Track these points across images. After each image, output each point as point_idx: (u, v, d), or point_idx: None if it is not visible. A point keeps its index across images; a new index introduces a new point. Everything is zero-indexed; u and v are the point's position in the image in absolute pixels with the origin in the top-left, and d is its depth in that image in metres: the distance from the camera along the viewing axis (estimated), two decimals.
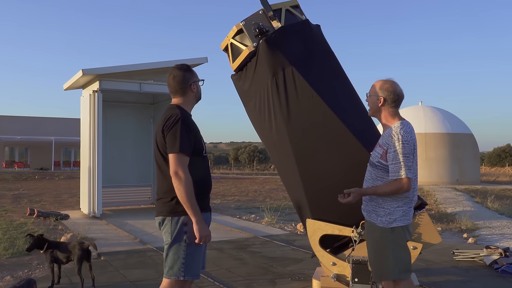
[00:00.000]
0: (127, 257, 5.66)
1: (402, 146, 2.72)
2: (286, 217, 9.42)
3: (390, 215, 2.81)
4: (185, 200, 2.50)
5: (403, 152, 2.71)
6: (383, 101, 2.87)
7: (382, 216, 2.83)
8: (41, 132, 35.68)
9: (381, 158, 2.82)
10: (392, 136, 2.77)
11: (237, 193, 15.60)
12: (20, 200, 12.48)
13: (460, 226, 8.39)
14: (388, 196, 2.81)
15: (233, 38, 4.23)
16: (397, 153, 2.72)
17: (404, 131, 2.75)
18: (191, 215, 2.52)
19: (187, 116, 2.68)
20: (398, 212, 2.81)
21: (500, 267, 4.97)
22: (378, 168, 2.85)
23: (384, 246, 2.82)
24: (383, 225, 2.82)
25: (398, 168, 2.72)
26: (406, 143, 2.72)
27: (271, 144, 4.28)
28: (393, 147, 2.74)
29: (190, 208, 2.51)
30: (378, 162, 2.85)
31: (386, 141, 2.81)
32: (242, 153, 55.02)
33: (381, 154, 2.83)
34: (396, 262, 2.80)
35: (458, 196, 13.86)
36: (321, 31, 4.28)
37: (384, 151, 2.81)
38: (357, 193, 2.87)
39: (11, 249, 5.91)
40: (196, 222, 2.52)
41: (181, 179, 2.50)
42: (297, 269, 5.10)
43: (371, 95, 2.94)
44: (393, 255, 2.80)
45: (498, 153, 47.78)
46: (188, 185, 2.50)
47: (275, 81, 3.96)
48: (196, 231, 2.53)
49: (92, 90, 9.44)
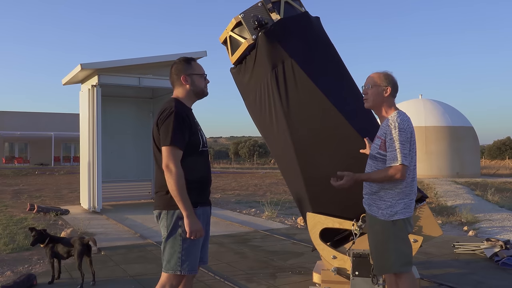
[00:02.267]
0: (128, 252, 5.66)
1: (398, 133, 2.72)
2: (286, 211, 9.43)
3: (391, 207, 2.80)
4: (176, 194, 2.48)
5: (399, 140, 2.71)
6: (389, 91, 2.86)
7: (383, 209, 2.82)
8: (41, 127, 35.63)
9: (380, 148, 2.81)
10: (389, 124, 2.77)
11: (237, 187, 15.60)
12: (20, 195, 12.48)
13: (461, 219, 8.39)
14: (390, 189, 2.80)
15: (232, 31, 4.19)
16: (393, 141, 2.72)
17: (401, 119, 2.77)
18: (181, 209, 2.50)
19: (183, 109, 2.64)
20: (400, 204, 2.80)
21: (500, 259, 4.97)
22: (378, 160, 2.84)
23: (385, 239, 2.81)
24: (384, 218, 2.81)
25: (394, 155, 2.71)
26: (402, 131, 2.72)
27: (271, 138, 4.26)
28: (390, 135, 2.74)
29: (181, 202, 2.49)
30: (377, 153, 2.84)
31: (384, 131, 2.80)
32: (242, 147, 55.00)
33: (379, 145, 2.82)
34: (397, 255, 2.79)
35: (459, 189, 13.86)
36: (320, 23, 4.24)
37: (383, 141, 2.80)
38: (350, 177, 2.84)
39: (11, 244, 5.91)
40: (186, 216, 2.50)
41: (172, 172, 2.48)
42: (297, 263, 5.09)
43: (374, 86, 2.90)
44: (395, 248, 2.79)
45: (498, 146, 47.77)
46: (178, 179, 2.47)
47: (275, 74, 3.93)
48: (186, 226, 2.51)
49: (91, 84, 9.41)
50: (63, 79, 10.61)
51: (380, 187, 2.84)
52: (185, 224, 2.51)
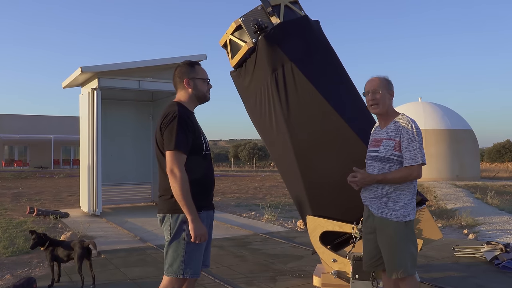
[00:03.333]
0: (127, 255, 5.65)
1: (417, 133, 2.77)
2: (286, 214, 9.42)
3: (404, 208, 2.80)
4: (180, 198, 2.48)
5: (418, 139, 2.76)
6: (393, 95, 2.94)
7: (397, 210, 2.80)
8: (40, 130, 35.63)
9: (395, 150, 2.81)
10: (404, 125, 2.80)
11: (237, 190, 15.59)
12: (19, 198, 12.47)
13: (461, 222, 8.39)
14: (402, 190, 2.81)
15: (232, 35, 4.20)
16: (411, 140, 2.75)
17: (412, 119, 2.82)
18: (186, 213, 2.50)
19: (186, 113, 2.64)
20: (411, 205, 2.82)
21: (500, 262, 4.96)
22: (391, 162, 2.82)
23: (398, 240, 2.79)
24: (398, 219, 2.79)
25: (412, 155, 2.74)
26: (418, 131, 2.79)
27: (271, 141, 4.26)
28: (406, 135, 2.77)
29: (185, 206, 2.49)
30: (392, 155, 2.82)
31: (396, 133, 2.81)
32: (242, 150, 54.97)
33: (393, 147, 2.81)
34: (409, 257, 2.78)
35: (458, 192, 13.86)
36: (320, 27, 4.25)
37: (397, 142, 2.80)
38: (366, 176, 2.86)
39: (11, 248, 5.90)
40: (191, 220, 2.50)
41: (176, 177, 2.48)
42: (297, 266, 5.09)
43: (383, 90, 2.89)
44: (407, 249, 2.78)
45: (498, 149, 47.82)
46: (183, 183, 2.47)
47: (275, 77, 3.94)
48: (191, 230, 2.51)
49: (91, 88, 9.42)
50: (63, 82, 10.62)
51: (393, 188, 2.82)
52: (190, 228, 2.51)
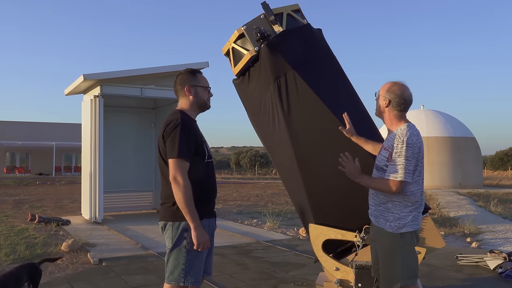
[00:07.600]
0: (129, 263, 5.63)
1: (406, 149, 2.70)
2: (288, 222, 9.39)
3: (400, 220, 2.78)
4: (183, 206, 2.48)
5: (405, 155, 2.70)
6: (388, 103, 2.86)
7: (391, 221, 2.79)
8: (42, 137, 35.70)
9: (387, 161, 2.81)
10: (397, 138, 2.76)
11: (239, 197, 15.56)
12: (21, 205, 12.46)
13: (464, 230, 8.35)
14: (398, 201, 2.78)
15: (234, 43, 4.22)
16: (398, 155, 2.71)
17: (410, 133, 2.74)
18: (189, 221, 2.51)
19: (188, 121, 2.65)
20: (408, 217, 2.78)
21: (504, 271, 4.93)
22: (384, 171, 2.83)
23: (392, 251, 2.78)
24: (392, 230, 2.78)
25: (395, 169, 2.70)
26: (410, 146, 2.71)
27: (273, 148, 4.26)
28: (395, 149, 2.74)
29: (188, 214, 2.49)
30: (384, 165, 2.83)
31: (391, 143, 2.80)
32: (244, 157, 54.94)
33: (386, 157, 2.81)
34: (404, 268, 2.76)
35: (461, 200, 13.81)
36: (322, 35, 4.27)
37: (390, 153, 2.79)
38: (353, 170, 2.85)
39: (12, 255, 5.89)
40: (194, 228, 2.50)
41: (180, 185, 2.48)
42: (299, 274, 5.06)
43: (379, 95, 2.93)
44: (402, 261, 2.76)
45: (500, 156, 47.66)
46: (186, 191, 2.48)
47: (277, 85, 3.95)
48: (194, 237, 2.51)
49: (93, 95, 9.45)
50: (66, 89, 10.66)
51: (388, 198, 2.81)
52: (193, 236, 2.51)
